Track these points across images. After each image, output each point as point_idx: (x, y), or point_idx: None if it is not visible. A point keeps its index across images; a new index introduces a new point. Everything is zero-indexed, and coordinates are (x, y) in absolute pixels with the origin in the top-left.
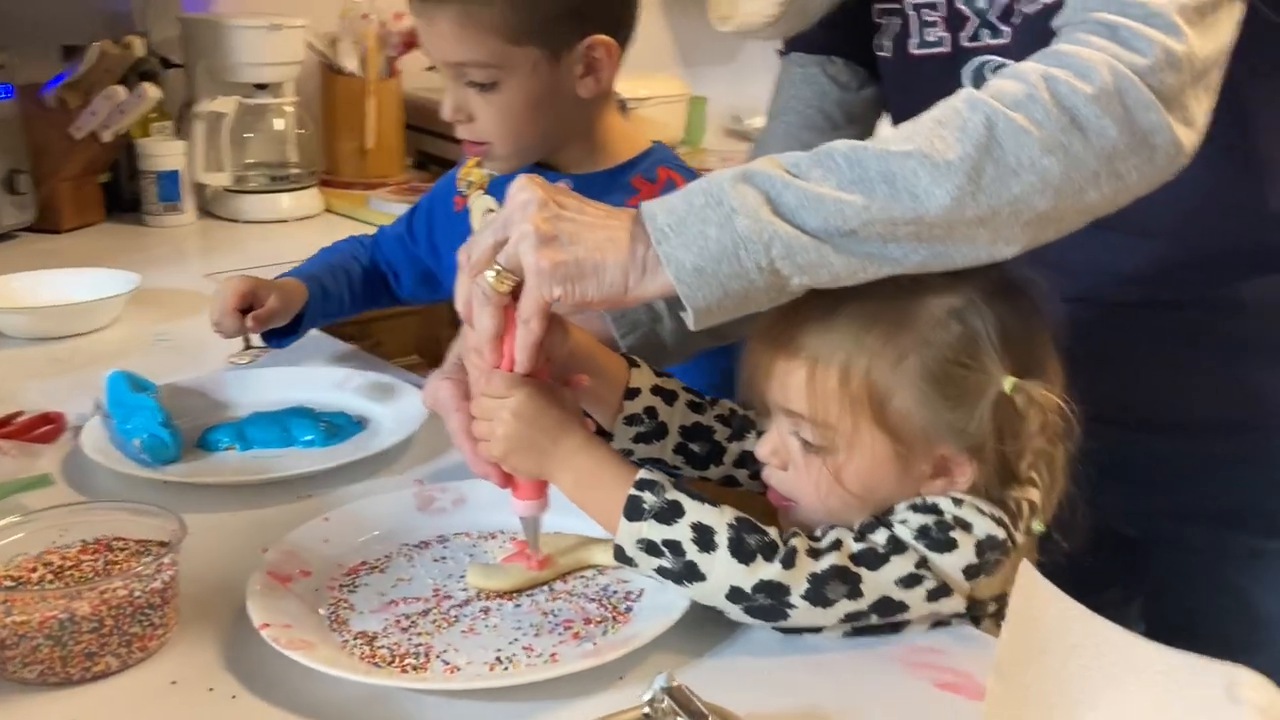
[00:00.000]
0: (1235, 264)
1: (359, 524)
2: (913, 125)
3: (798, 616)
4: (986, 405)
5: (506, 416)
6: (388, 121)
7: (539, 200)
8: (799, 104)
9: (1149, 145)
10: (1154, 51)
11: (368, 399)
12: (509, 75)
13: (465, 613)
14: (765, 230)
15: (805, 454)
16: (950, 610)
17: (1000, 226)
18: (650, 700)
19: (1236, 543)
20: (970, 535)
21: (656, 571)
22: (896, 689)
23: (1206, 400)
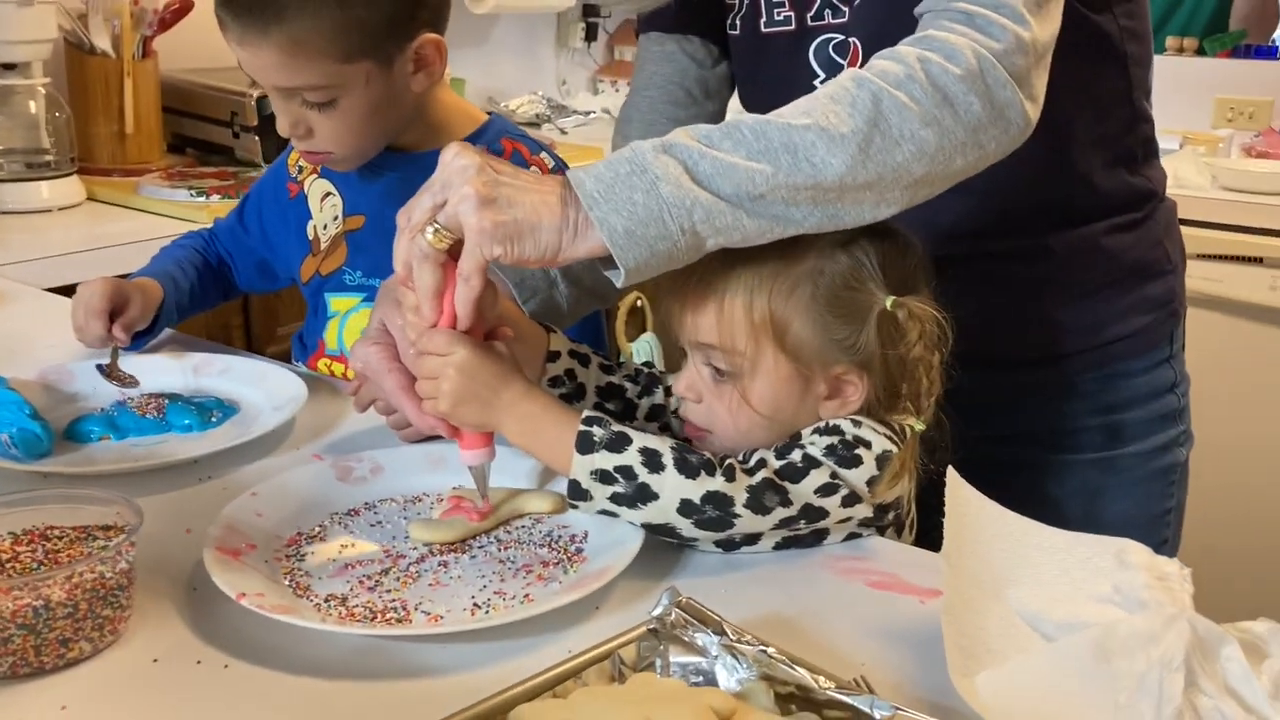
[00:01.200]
0: (1040, 218)
1: (286, 497)
2: (808, 101)
3: (741, 524)
4: (872, 322)
5: (451, 373)
6: (145, 104)
7: (477, 165)
8: (660, 79)
9: (1005, 119)
10: (1007, 37)
11: (231, 382)
12: (343, 92)
13: (424, 568)
14: (687, 197)
15: (717, 383)
16: (860, 515)
17: (884, 190)
18: (660, 615)
19: (1044, 458)
20: (870, 451)
21: (610, 499)
22: (839, 593)
23: (1015, 337)
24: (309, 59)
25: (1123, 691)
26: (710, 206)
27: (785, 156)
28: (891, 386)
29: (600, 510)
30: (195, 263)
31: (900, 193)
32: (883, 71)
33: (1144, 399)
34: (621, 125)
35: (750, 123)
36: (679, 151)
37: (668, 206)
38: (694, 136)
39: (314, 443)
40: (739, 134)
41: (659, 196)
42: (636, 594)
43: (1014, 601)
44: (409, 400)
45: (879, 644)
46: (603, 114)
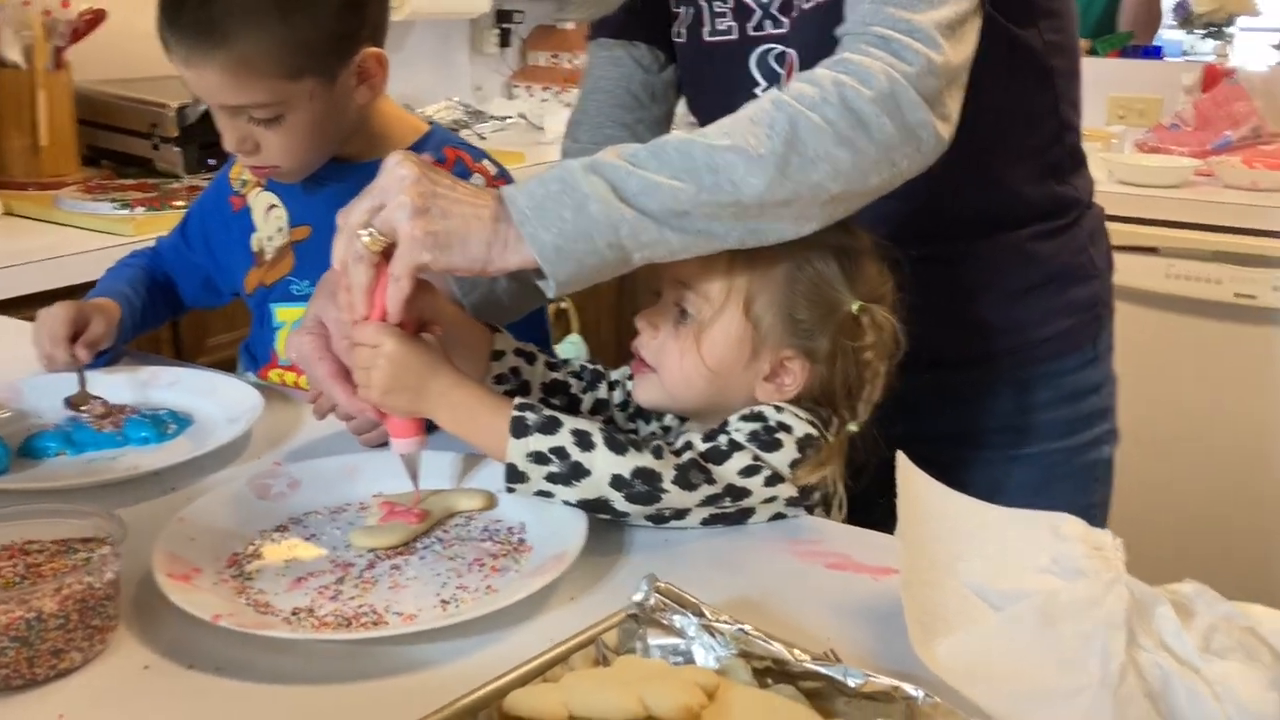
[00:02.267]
0: (966, 225)
1: (212, 520)
2: (730, 122)
3: (669, 499)
4: (835, 318)
5: (381, 362)
6: (59, 117)
7: (415, 175)
8: (607, 84)
9: (917, 138)
10: (919, 60)
11: (182, 394)
12: (289, 108)
13: (378, 574)
14: (614, 214)
15: (678, 325)
16: (785, 495)
17: (802, 207)
18: (640, 600)
19: (971, 456)
20: (791, 435)
21: (546, 479)
22: (800, 575)
23: (941, 338)
24: (255, 78)
25: (1070, 651)
26: (636, 223)
27: (708, 175)
28: (830, 386)
29: (536, 491)
30: (144, 281)
31: (818, 209)
32: (800, 94)
33: (1069, 399)
34: (571, 129)
35: (675, 142)
36: (607, 171)
37: (596, 224)
38: (622, 156)
39: (274, 451)
40: (664, 154)
41: (588, 214)
42: (596, 579)
43: (964, 575)
44: (339, 386)
45: (841, 620)
46: (519, 119)
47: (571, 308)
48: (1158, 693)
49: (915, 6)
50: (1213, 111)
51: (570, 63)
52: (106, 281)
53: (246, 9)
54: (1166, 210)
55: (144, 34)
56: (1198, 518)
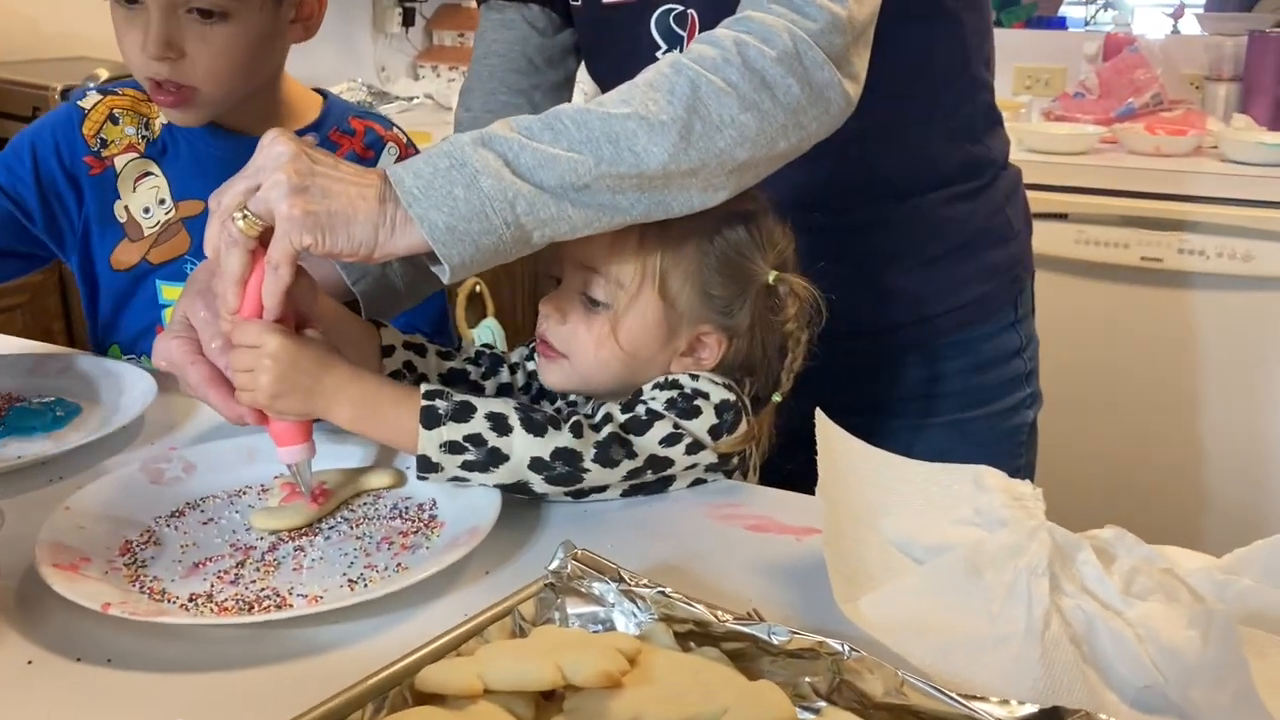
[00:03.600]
0: (875, 190)
1: (102, 508)
2: (628, 89)
3: (590, 478)
4: (752, 291)
5: (266, 363)
6: None
7: (292, 152)
8: (500, 47)
9: (824, 99)
10: (823, 16)
11: (72, 381)
12: (240, 7)
13: (280, 556)
14: (509, 189)
15: (588, 312)
16: (706, 462)
17: (709, 176)
18: (557, 569)
19: (891, 425)
20: (709, 402)
21: (461, 467)
22: (720, 537)
23: (856, 308)
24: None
25: (995, 600)
26: (533, 199)
27: (607, 146)
28: (749, 357)
29: (451, 479)
30: None
31: (726, 177)
32: (700, 56)
33: (990, 363)
34: (463, 96)
35: (571, 113)
36: (498, 144)
37: (489, 200)
38: (514, 128)
39: (169, 436)
40: (560, 124)
41: (480, 190)
42: (511, 551)
43: (887, 530)
44: (215, 392)
45: (764, 581)
46: (425, 100)
47: (486, 290)
48: (1081, 636)
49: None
50: (1115, 80)
51: None
52: None
53: None
54: (1074, 177)
55: (26, 16)
56: (1114, 471)
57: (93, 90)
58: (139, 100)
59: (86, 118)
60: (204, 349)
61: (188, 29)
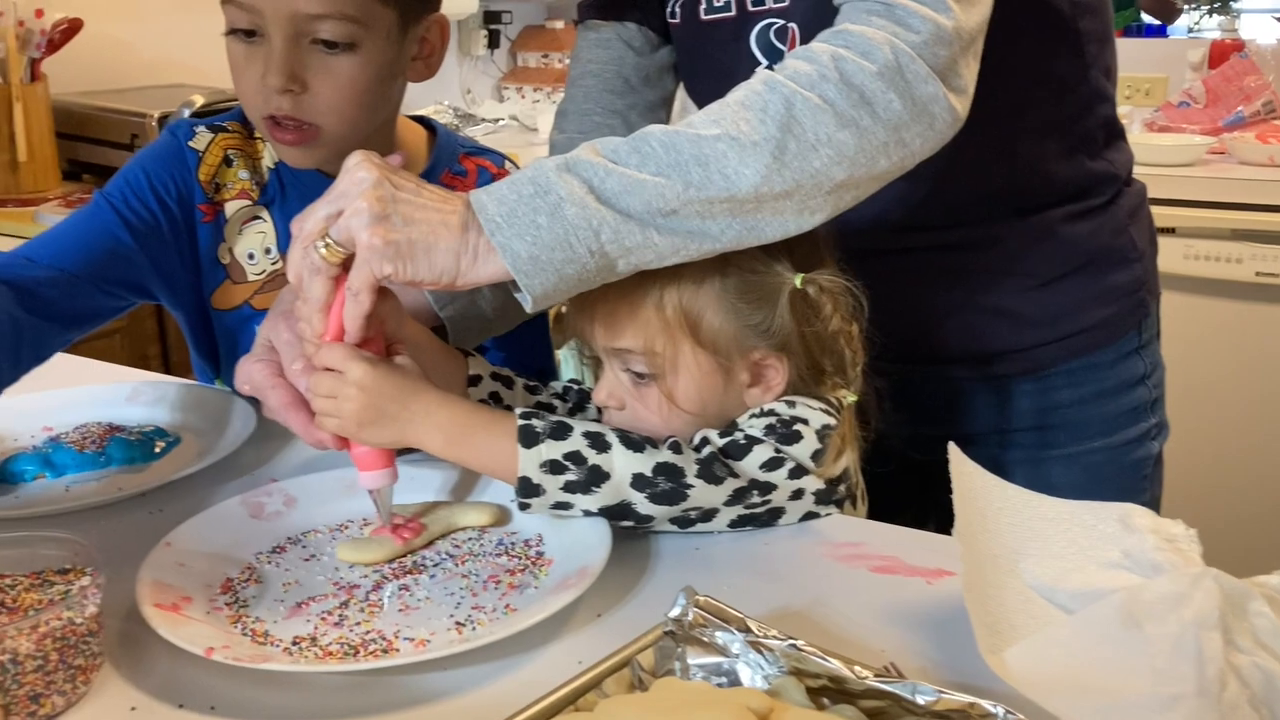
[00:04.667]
0: (989, 207)
1: (202, 544)
2: (719, 108)
3: (695, 496)
4: (783, 302)
5: (352, 391)
6: (37, 130)
7: (375, 178)
8: (596, 67)
9: (929, 114)
10: (926, 28)
11: (170, 410)
12: (367, 37)
13: (385, 596)
14: (593, 217)
15: (638, 387)
16: (811, 489)
17: (805, 198)
18: (678, 617)
19: (1006, 457)
20: (809, 426)
21: (563, 489)
22: (844, 580)
23: (968, 331)
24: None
25: (1159, 656)
26: (618, 226)
27: (696, 169)
28: (814, 364)
29: (554, 504)
30: None
31: (823, 199)
32: (795, 72)
33: (1111, 392)
34: (558, 118)
35: (659, 135)
36: (583, 170)
37: (573, 229)
38: (600, 152)
39: (267, 467)
40: (647, 147)
41: (564, 218)
42: (624, 592)
43: (1027, 575)
44: (295, 416)
45: (896, 629)
46: (510, 121)
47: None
48: (1262, 699)
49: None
50: (1223, 87)
51: (561, 62)
52: None
53: None
54: (1182, 190)
55: (122, 43)
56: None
57: (202, 128)
58: (246, 139)
59: (202, 161)
60: (285, 371)
61: (311, 60)
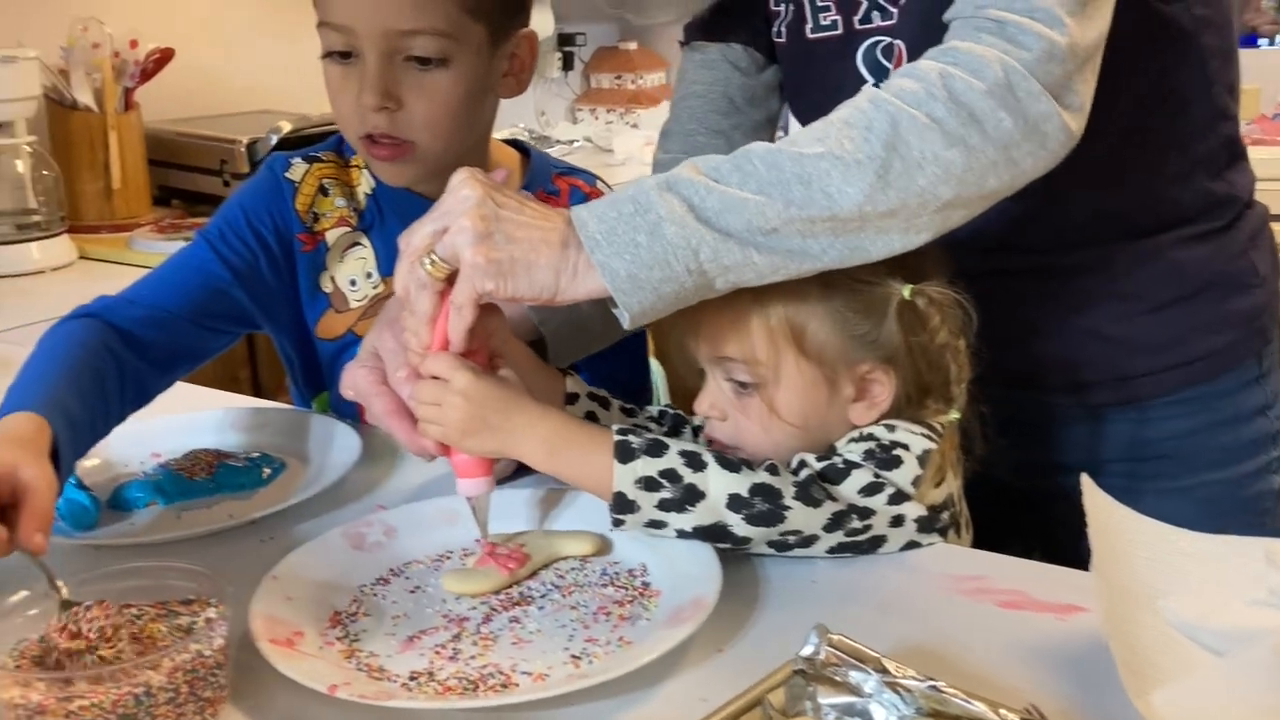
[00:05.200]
0: (1101, 228)
1: (307, 576)
2: (823, 126)
3: (792, 518)
4: (891, 313)
5: (457, 400)
6: (131, 158)
7: (479, 196)
8: (701, 88)
9: (1040, 133)
10: (1039, 45)
11: (275, 436)
12: (458, 52)
13: (496, 629)
14: (692, 236)
15: (740, 397)
16: (912, 515)
17: (910, 216)
18: (810, 656)
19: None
20: (910, 452)
21: (658, 506)
22: (971, 616)
23: (1077, 357)
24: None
25: None
26: (717, 245)
27: (798, 188)
28: (919, 380)
29: (648, 521)
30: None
31: (929, 218)
32: (901, 90)
33: (1229, 422)
34: (662, 138)
35: (761, 153)
36: (683, 188)
37: (672, 248)
38: (700, 170)
39: (370, 495)
40: (749, 165)
41: (663, 237)
42: (735, 625)
43: (1168, 613)
44: (399, 423)
45: (1031, 668)
46: (585, 142)
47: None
48: None
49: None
50: None
51: (634, 84)
52: (25, 386)
53: None
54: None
55: (210, 71)
56: None
57: (298, 160)
58: (340, 168)
59: (298, 192)
60: (389, 379)
61: (405, 78)
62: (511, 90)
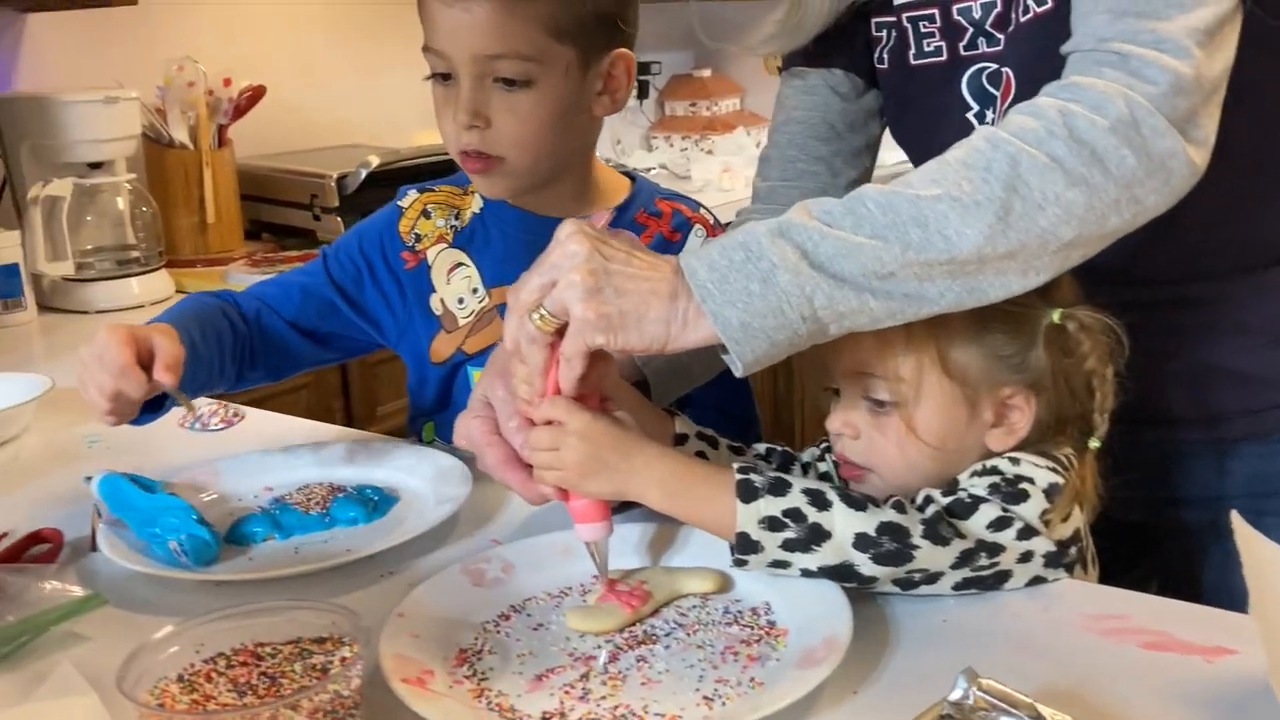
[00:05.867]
0: (1224, 258)
1: (431, 613)
2: (937, 167)
3: (921, 557)
4: (1040, 336)
5: (574, 441)
6: (224, 193)
7: (587, 251)
8: (801, 114)
9: (1165, 169)
10: (1165, 79)
11: (385, 469)
12: (544, 74)
13: (624, 668)
14: (807, 284)
15: (877, 416)
16: (1041, 550)
17: (1029, 258)
18: (958, 700)
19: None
20: (1035, 486)
21: (782, 546)
22: (1113, 658)
23: (1194, 392)
24: (522, 23)
25: None
26: (832, 292)
27: (915, 231)
28: (1060, 407)
29: (771, 562)
30: (219, 328)
31: (1049, 259)
32: (1020, 129)
33: None
34: (761, 165)
35: (875, 196)
36: (797, 234)
37: (786, 296)
38: (813, 214)
39: (484, 528)
40: (863, 209)
41: (776, 285)
42: (876, 671)
43: None
44: (514, 473)
45: (1181, 714)
46: (660, 170)
47: None
48: None
49: (1163, 13)
50: None
51: (709, 110)
52: (168, 314)
53: None
54: None
55: (300, 107)
56: None
57: (413, 190)
58: (453, 195)
59: (404, 215)
60: (501, 428)
61: (494, 98)
62: (606, 109)
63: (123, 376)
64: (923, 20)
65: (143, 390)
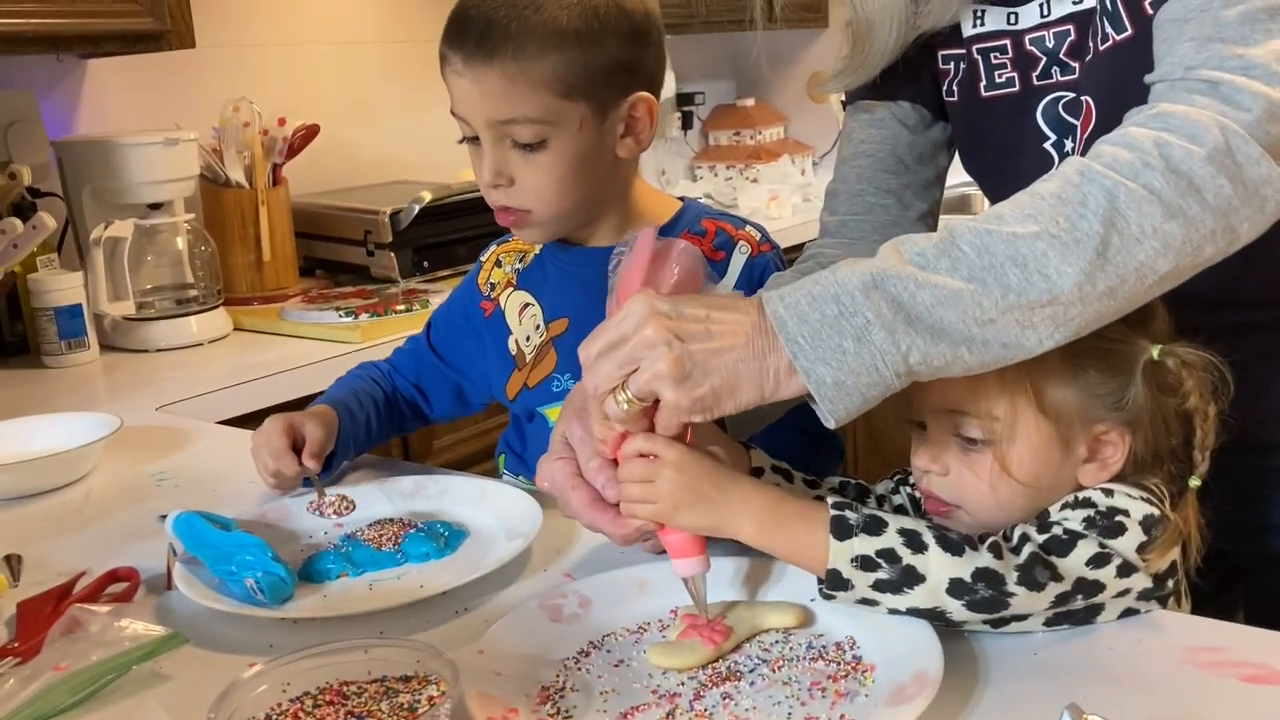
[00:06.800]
0: None
1: (512, 649)
2: (1031, 202)
3: (1016, 604)
4: (1138, 374)
5: (669, 474)
6: (280, 231)
7: (665, 337)
8: (869, 147)
9: (1260, 197)
10: (1258, 105)
11: (452, 503)
12: (557, 133)
13: (710, 705)
14: (903, 341)
15: (968, 452)
16: (1139, 586)
17: (1127, 293)
18: None
19: None
20: (1131, 518)
21: (872, 586)
22: (1213, 691)
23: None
24: (530, 89)
25: None
26: (928, 349)
27: (1014, 272)
28: (1158, 445)
29: (859, 599)
30: (373, 395)
31: (1145, 292)
32: (1114, 161)
33: None
34: (829, 199)
35: (969, 237)
36: (892, 284)
37: (881, 354)
38: (906, 259)
39: (556, 563)
40: (958, 250)
41: (871, 344)
42: (966, 707)
43: None
44: (601, 514)
45: None
46: (706, 199)
47: None
48: None
49: (1250, 39)
50: None
51: (753, 139)
52: (331, 391)
53: (540, 21)
54: None
55: (353, 144)
56: None
57: (494, 243)
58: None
59: (482, 268)
60: (582, 469)
61: (514, 157)
62: (630, 151)
63: (278, 459)
64: (994, 51)
65: (295, 470)
